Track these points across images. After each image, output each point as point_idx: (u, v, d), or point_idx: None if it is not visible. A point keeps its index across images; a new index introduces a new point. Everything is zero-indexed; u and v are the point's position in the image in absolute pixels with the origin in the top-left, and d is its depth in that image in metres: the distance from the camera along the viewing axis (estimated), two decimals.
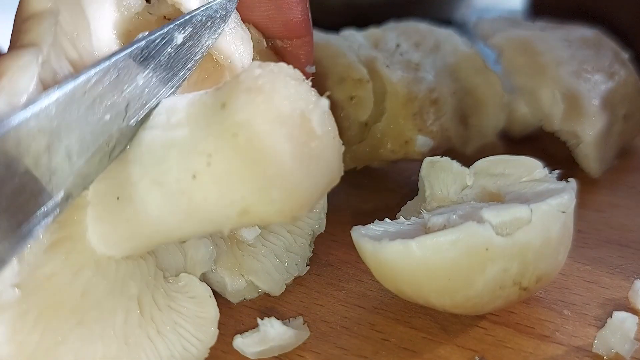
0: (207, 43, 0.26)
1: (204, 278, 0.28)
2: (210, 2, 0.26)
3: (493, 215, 0.24)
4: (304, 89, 0.23)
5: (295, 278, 0.31)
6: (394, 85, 0.36)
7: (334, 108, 0.35)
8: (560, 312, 0.28)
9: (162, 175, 0.22)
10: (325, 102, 0.23)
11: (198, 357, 0.25)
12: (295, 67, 0.31)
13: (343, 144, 0.28)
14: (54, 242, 0.22)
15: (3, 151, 0.18)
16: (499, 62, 0.40)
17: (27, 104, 0.19)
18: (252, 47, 0.28)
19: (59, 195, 0.20)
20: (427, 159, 0.31)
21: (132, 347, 0.24)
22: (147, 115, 0.23)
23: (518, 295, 0.25)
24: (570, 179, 0.27)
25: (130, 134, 0.23)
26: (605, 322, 0.26)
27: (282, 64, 0.23)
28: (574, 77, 0.38)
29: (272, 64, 0.23)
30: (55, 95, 0.20)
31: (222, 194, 0.22)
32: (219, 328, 0.28)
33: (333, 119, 0.24)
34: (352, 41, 0.39)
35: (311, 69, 0.31)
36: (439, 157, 0.31)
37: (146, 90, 0.23)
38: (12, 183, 0.19)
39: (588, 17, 0.45)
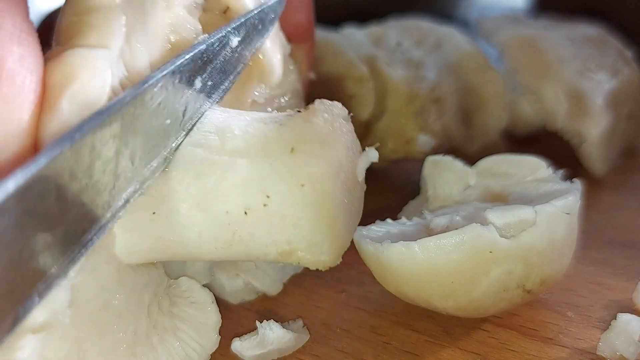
0: (256, 45, 0.25)
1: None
2: (262, 5, 0.25)
3: (497, 216, 0.24)
4: (351, 131, 0.24)
5: (295, 280, 0.30)
6: (395, 84, 0.36)
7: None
8: (564, 314, 0.27)
9: (210, 202, 0.22)
10: (374, 154, 0.24)
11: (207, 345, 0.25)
12: (299, 73, 0.31)
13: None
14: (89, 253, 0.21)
15: (78, 157, 0.18)
16: (501, 61, 0.40)
17: (101, 108, 0.19)
18: (284, 51, 0.28)
19: (120, 202, 0.20)
20: (429, 158, 0.31)
21: (138, 357, 0.23)
22: (192, 129, 0.23)
23: (522, 298, 0.25)
24: (575, 180, 0.27)
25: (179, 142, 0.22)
26: (610, 324, 0.26)
27: (336, 103, 0.23)
28: (578, 76, 0.37)
29: (329, 103, 0.23)
30: (128, 99, 0.19)
31: (269, 235, 0.22)
32: None
33: None
34: (353, 39, 0.39)
35: (312, 76, 0.31)
36: (441, 156, 0.30)
37: (202, 95, 0.23)
38: (83, 191, 0.18)
39: (592, 14, 0.44)
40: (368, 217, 0.29)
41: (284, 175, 0.21)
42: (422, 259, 0.23)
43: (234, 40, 0.24)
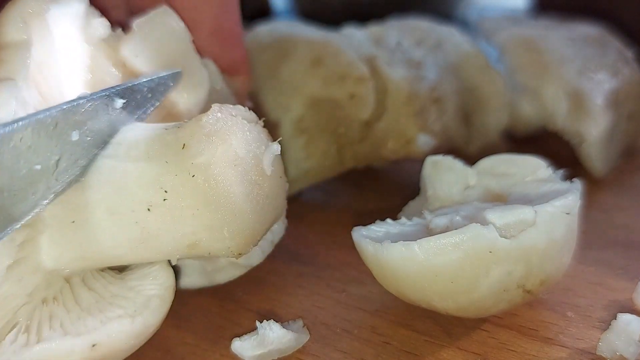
0: (146, 110, 0.27)
1: (183, 272, 0.29)
2: (152, 75, 0.27)
3: (497, 217, 0.24)
4: (257, 131, 0.25)
5: (295, 280, 0.31)
6: (395, 84, 0.36)
7: (334, 107, 0.35)
8: (564, 314, 0.27)
9: (118, 205, 0.24)
10: (276, 147, 0.26)
11: (164, 297, 0.25)
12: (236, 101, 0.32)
13: (343, 144, 0.28)
14: (11, 264, 0.23)
15: None
16: (501, 61, 0.40)
17: None
18: (204, 89, 0.29)
19: None
20: (429, 158, 0.31)
21: (96, 312, 0.24)
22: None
23: (522, 298, 0.25)
24: (575, 180, 0.27)
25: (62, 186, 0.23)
26: (610, 325, 0.26)
27: (240, 107, 0.25)
28: (578, 76, 0.38)
29: (231, 106, 0.25)
30: None
31: (174, 228, 0.24)
32: (217, 331, 0.27)
33: (280, 158, 0.26)
34: (353, 39, 0.39)
35: (249, 104, 0.33)
36: (441, 156, 0.30)
37: (79, 148, 0.24)
38: None
39: (592, 14, 0.44)
40: (368, 217, 0.29)
41: (176, 169, 0.23)
42: (422, 259, 0.23)
43: (118, 102, 0.25)
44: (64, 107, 0.23)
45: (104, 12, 0.27)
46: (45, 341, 0.22)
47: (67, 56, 0.25)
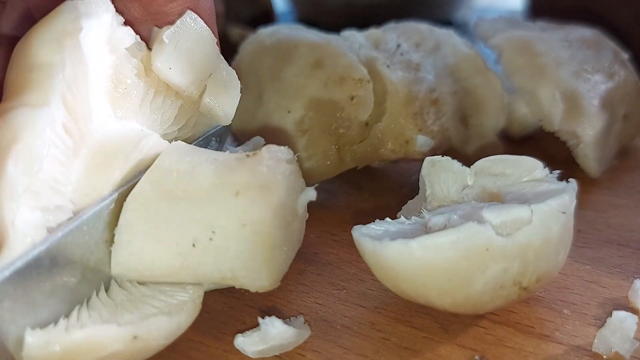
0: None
1: None
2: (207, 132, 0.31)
3: (494, 215, 0.24)
4: (295, 173, 0.26)
5: (296, 278, 0.31)
6: (394, 86, 0.36)
7: (335, 108, 0.36)
8: (560, 312, 0.28)
9: (163, 234, 0.24)
10: (313, 193, 0.26)
11: (195, 303, 0.26)
12: None
13: (343, 144, 0.28)
14: None
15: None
16: (499, 63, 0.41)
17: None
18: (236, 89, 0.30)
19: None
20: (427, 159, 0.31)
21: (131, 309, 0.24)
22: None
23: (518, 295, 0.25)
24: (570, 179, 0.27)
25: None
26: (605, 322, 0.26)
27: (282, 148, 0.26)
28: (574, 77, 0.38)
29: (276, 148, 0.26)
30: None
31: (214, 264, 0.25)
32: (220, 328, 0.28)
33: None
34: (353, 41, 0.39)
35: None
36: (439, 156, 0.31)
37: None
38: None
39: (587, 17, 0.45)
40: (367, 217, 0.29)
41: (228, 215, 0.25)
42: (419, 257, 0.24)
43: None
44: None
45: (128, 24, 0.26)
46: (91, 326, 0.22)
47: (94, 69, 0.25)
